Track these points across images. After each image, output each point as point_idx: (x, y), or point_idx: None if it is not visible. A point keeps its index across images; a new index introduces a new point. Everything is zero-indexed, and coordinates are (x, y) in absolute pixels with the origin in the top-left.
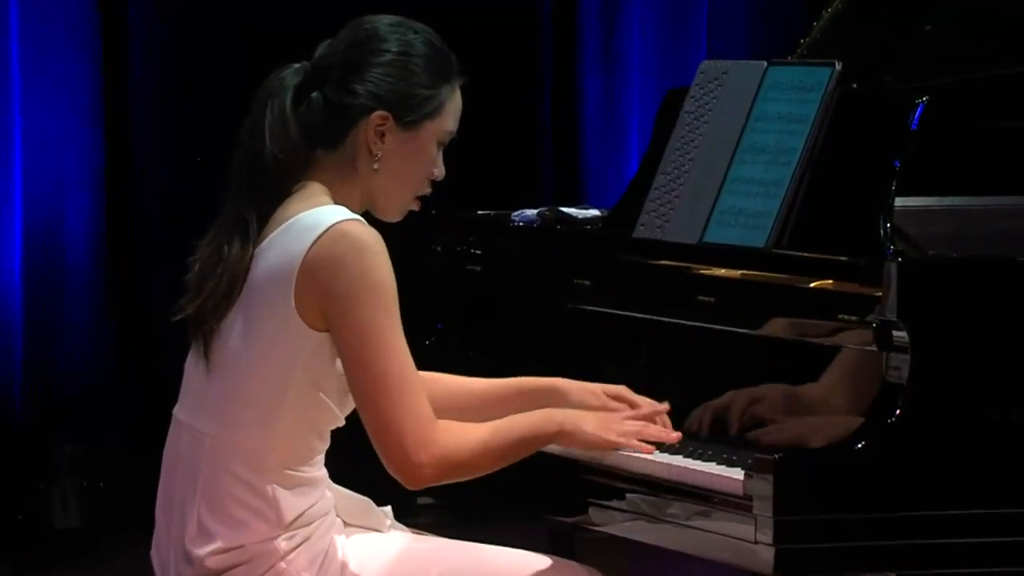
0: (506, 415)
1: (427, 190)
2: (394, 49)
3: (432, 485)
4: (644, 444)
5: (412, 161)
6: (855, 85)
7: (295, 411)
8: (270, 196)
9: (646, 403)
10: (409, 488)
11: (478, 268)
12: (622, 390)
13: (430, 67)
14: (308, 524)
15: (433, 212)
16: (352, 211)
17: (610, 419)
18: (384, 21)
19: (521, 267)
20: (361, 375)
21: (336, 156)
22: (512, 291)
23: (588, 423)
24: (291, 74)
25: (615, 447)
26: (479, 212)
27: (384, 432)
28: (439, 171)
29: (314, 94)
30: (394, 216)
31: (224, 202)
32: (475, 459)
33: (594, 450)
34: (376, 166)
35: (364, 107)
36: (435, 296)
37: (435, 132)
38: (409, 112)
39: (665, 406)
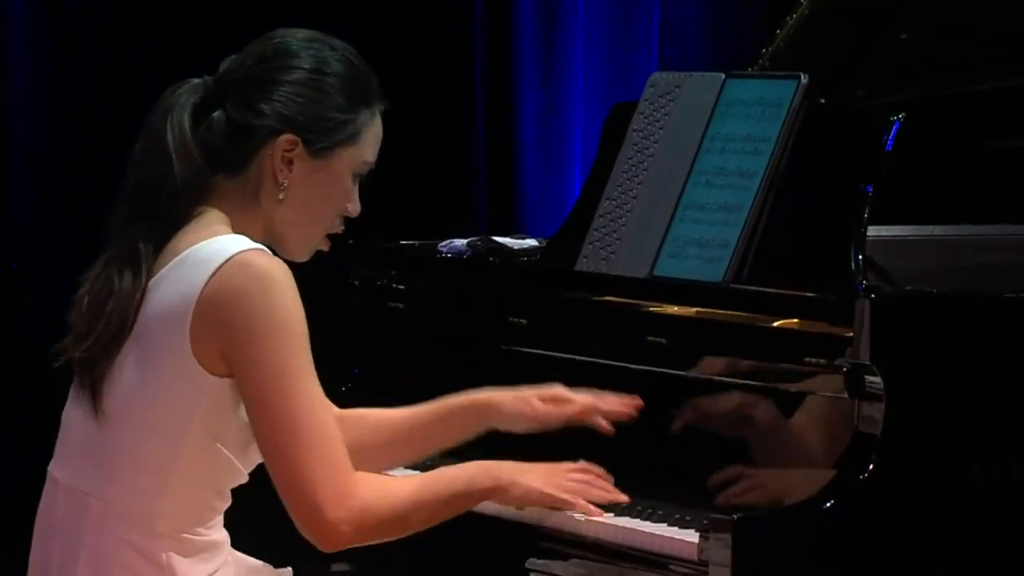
0: (441, 442)
1: (339, 228)
2: (306, 66)
3: (350, 546)
4: (591, 505)
5: (323, 193)
6: (823, 100)
7: (193, 468)
8: (166, 224)
9: (585, 397)
10: (324, 550)
11: (401, 305)
12: (557, 391)
13: (347, 88)
14: None
15: (350, 242)
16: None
17: (554, 473)
18: (297, 36)
19: (449, 304)
20: (267, 422)
21: (237, 183)
22: (439, 331)
23: (528, 477)
24: (189, 90)
25: (558, 505)
26: (402, 242)
27: (295, 486)
28: (353, 207)
29: (215, 113)
30: (300, 255)
31: (112, 230)
32: (399, 516)
33: (533, 507)
34: (281, 196)
35: (270, 129)
36: (352, 336)
37: (350, 162)
38: (321, 137)
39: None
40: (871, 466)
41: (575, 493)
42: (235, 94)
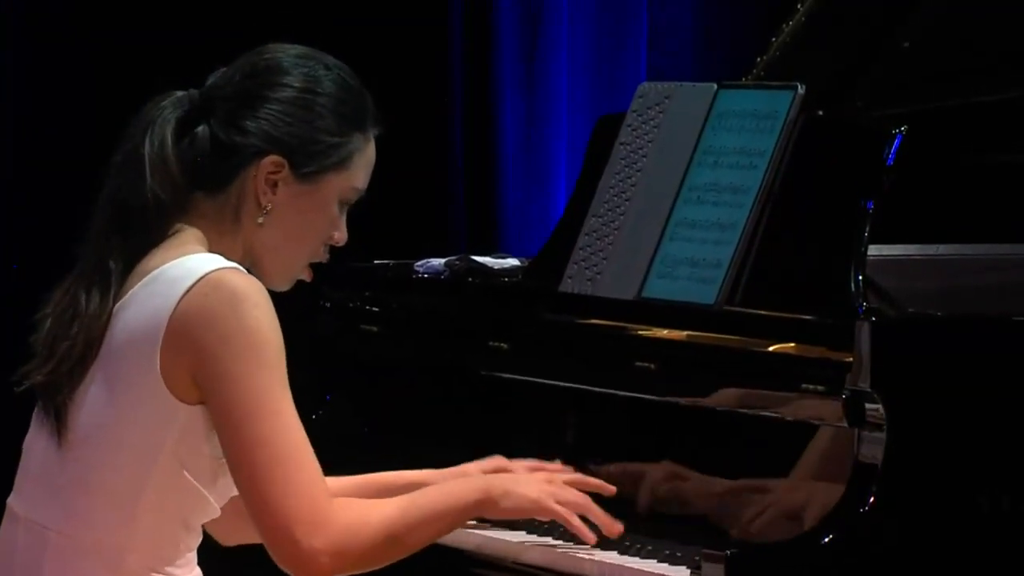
0: None
1: (323, 256)
2: (297, 84)
3: None
4: (586, 528)
5: (307, 220)
6: (821, 112)
7: (162, 500)
8: (140, 242)
9: (523, 465)
10: None
11: (375, 328)
12: (498, 461)
13: (339, 110)
14: None
15: (321, 262)
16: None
17: (550, 480)
18: (290, 52)
19: (426, 327)
20: (240, 446)
21: (218, 203)
22: (415, 355)
23: (522, 486)
24: (173, 103)
25: (552, 517)
26: (376, 262)
27: (269, 514)
28: (340, 235)
29: (199, 128)
30: (279, 283)
31: (83, 247)
32: (382, 542)
33: (523, 516)
34: (261, 220)
35: (255, 148)
36: (323, 361)
37: (339, 188)
38: (309, 161)
39: (611, 488)
40: (872, 499)
41: (572, 507)
42: (221, 110)
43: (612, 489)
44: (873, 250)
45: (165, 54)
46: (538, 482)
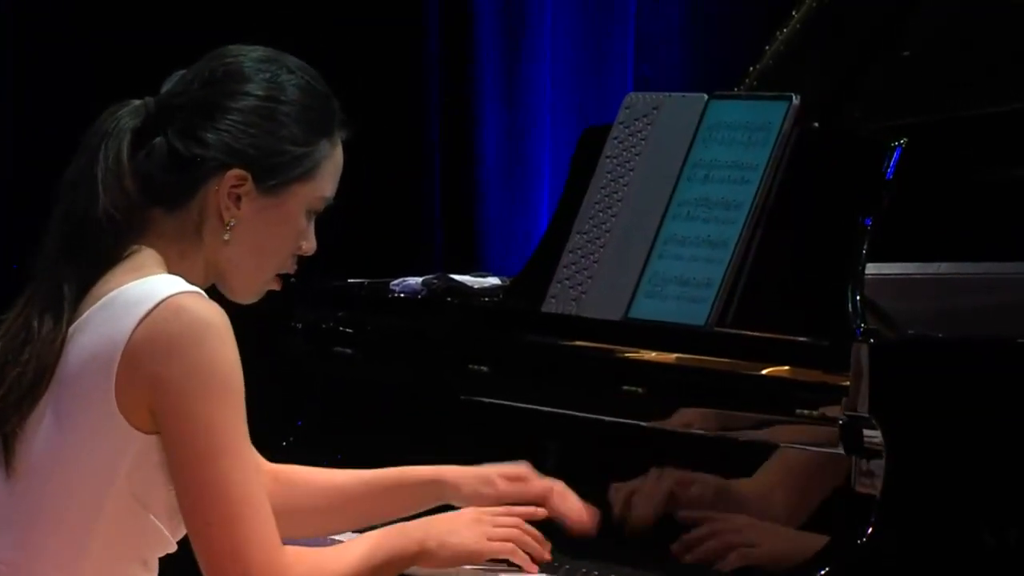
0: (385, 514)
1: (291, 268)
2: (259, 92)
3: None
4: (528, 560)
5: (274, 233)
6: (816, 123)
7: (114, 533)
8: (95, 262)
9: (553, 484)
10: None
11: (348, 350)
12: (522, 470)
13: (304, 117)
14: None
15: (292, 280)
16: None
17: (478, 520)
18: (251, 55)
19: (402, 349)
20: (195, 490)
21: (177, 219)
22: (391, 379)
23: (457, 535)
24: (129, 113)
25: (494, 555)
26: (350, 280)
27: (223, 563)
28: (308, 245)
29: (157, 139)
30: (246, 297)
31: (36, 268)
32: None
33: (463, 564)
34: (227, 236)
35: (216, 162)
36: (294, 385)
37: (306, 198)
38: (273, 173)
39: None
40: (869, 529)
41: (511, 540)
42: (178, 120)
43: (538, 511)
44: (871, 268)
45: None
46: (470, 524)
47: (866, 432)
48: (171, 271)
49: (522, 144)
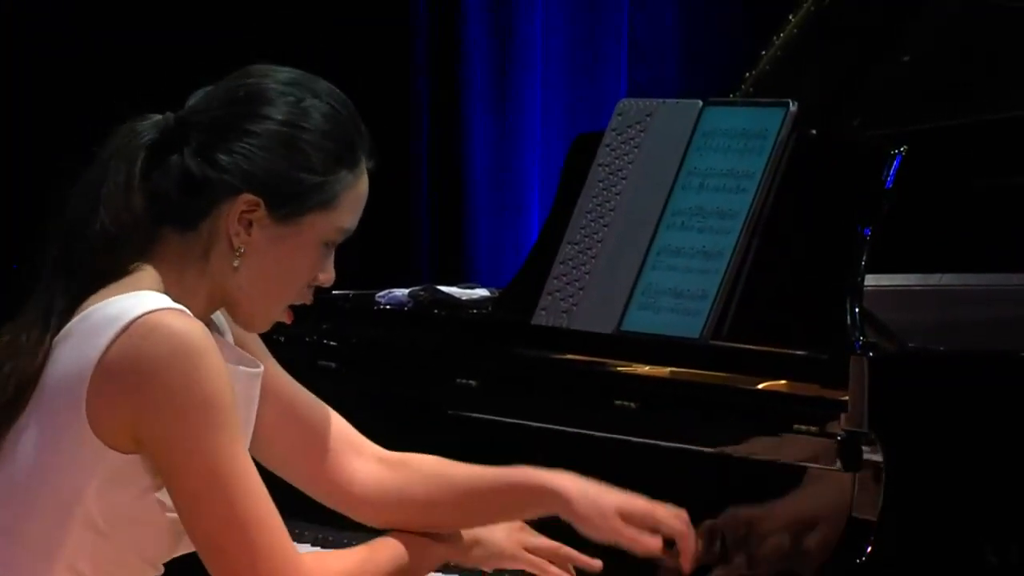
0: (489, 518)
1: (307, 298)
2: (279, 117)
3: None
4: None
5: (286, 262)
6: (814, 131)
7: (81, 559)
8: (88, 278)
9: (671, 521)
10: None
11: (333, 364)
12: (644, 507)
13: (326, 145)
14: None
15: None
16: (188, 310)
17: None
18: (277, 77)
19: (388, 363)
20: (201, 514)
21: (186, 240)
22: (376, 393)
23: (494, 531)
24: (149, 127)
25: (526, 567)
26: (335, 292)
27: None
28: (326, 277)
29: (173, 157)
30: (258, 327)
31: (36, 281)
32: None
33: (493, 566)
34: (236, 263)
35: (228, 186)
36: None
37: (323, 229)
38: (288, 201)
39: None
40: (869, 548)
41: (543, 554)
42: (196, 139)
43: (597, 564)
44: (870, 280)
45: (161, 55)
46: (506, 529)
47: (865, 448)
48: (168, 291)
49: (511, 152)
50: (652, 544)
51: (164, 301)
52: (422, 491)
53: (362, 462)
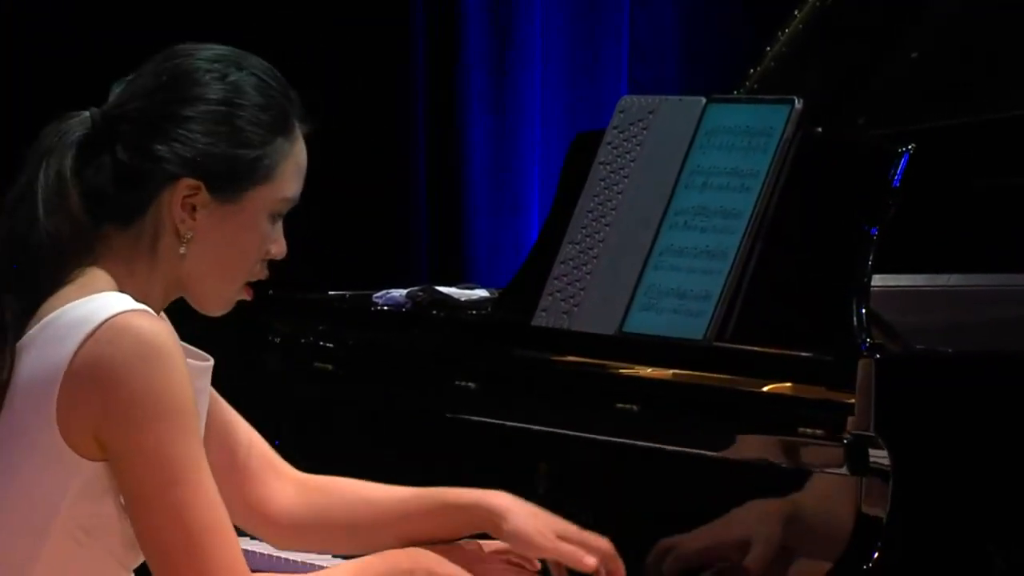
0: (416, 538)
1: (261, 274)
2: (214, 97)
3: None
4: None
5: (236, 241)
6: (820, 129)
7: (59, 564)
8: (36, 288)
9: (600, 546)
10: None
11: (329, 366)
12: (574, 531)
13: (261, 119)
14: None
15: (270, 292)
16: (144, 304)
17: (478, 558)
18: (201, 55)
19: (385, 365)
20: (153, 522)
21: (130, 236)
22: (373, 396)
23: (445, 563)
24: (75, 125)
25: None
26: (331, 293)
27: None
28: (277, 249)
29: (104, 153)
30: (216, 309)
31: None
32: None
33: None
34: (183, 250)
35: (167, 174)
36: (272, 403)
37: (267, 201)
38: (228, 179)
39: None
40: (876, 554)
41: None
42: (126, 133)
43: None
44: (877, 280)
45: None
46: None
47: (872, 452)
48: (123, 290)
49: (510, 151)
50: (590, 562)
51: (128, 302)
52: (343, 515)
53: (281, 484)
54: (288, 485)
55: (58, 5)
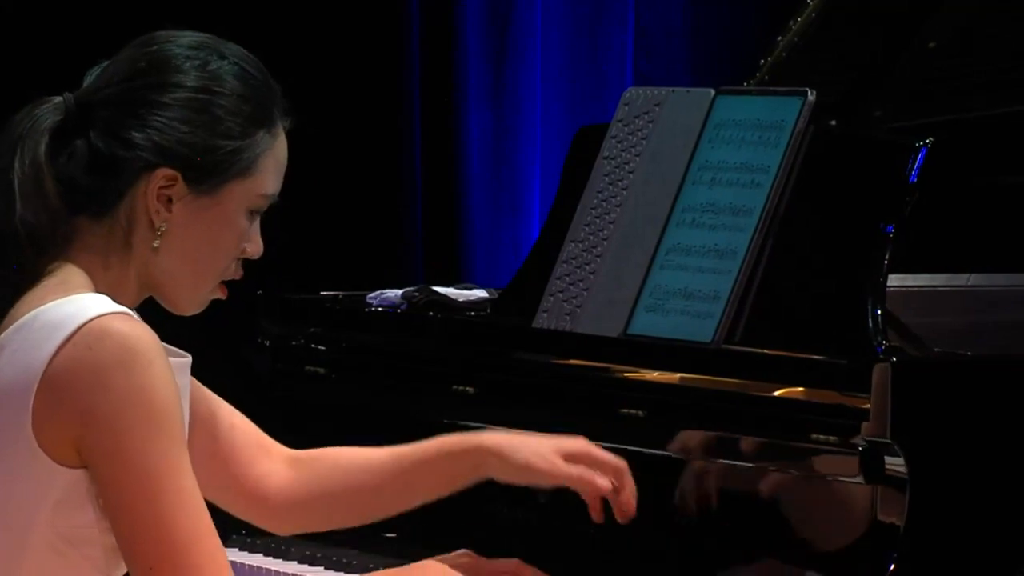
0: (417, 495)
1: (236, 273)
2: (191, 84)
3: None
4: None
5: (211, 236)
6: (833, 122)
7: (41, 573)
8: (12, 282)
9: (619, 465)
10: None
11: (321, 370)
12: (581, 445)
13: (241, 108)
14: None
15: (259, 293)
16: (120, 303)
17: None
18: (181, 42)
19: (380, 368)
20: (136, 532)
21: (104, 228)
22: (368, 401)
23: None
24: (47, 111)
25: None
26: (323, 293)
27: None
28: (253, 248)
29: (78, 140)
30: (187, 308)
31: None
32: None
33: None
34: (157, 243)
35: (143, 162)
36: (261, 408)
37: (245, 196)
38: (207, 172)
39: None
40: (892, 566)
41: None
42: (101, 119)
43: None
44: (893, 280)
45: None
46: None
47: (888, 459)
48: (97, 287)
49: (510, 146)
50: (603, 484)
51: (108, 304)
52: (341, 483)
53: (272, 463)
54: (280, 463)
55: None
